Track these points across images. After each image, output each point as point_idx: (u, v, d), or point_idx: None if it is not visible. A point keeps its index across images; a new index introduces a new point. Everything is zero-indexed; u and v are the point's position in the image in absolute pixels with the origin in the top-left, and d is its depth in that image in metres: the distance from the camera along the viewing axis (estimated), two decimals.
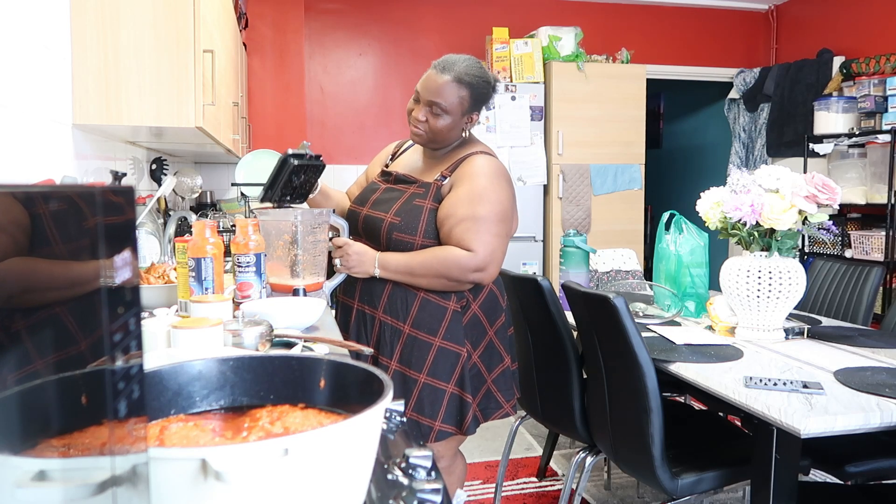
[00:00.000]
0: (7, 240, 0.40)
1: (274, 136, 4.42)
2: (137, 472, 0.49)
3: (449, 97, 1.78)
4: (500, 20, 4.67)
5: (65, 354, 0.45)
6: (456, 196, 1.78)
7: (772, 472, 1.57)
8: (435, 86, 1.78)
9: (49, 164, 1.77)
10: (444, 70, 1.78)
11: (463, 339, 1.82)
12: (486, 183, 1.78)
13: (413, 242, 1.79)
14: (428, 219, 1.79)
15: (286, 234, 1.82)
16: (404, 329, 1.81)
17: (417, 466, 0.80)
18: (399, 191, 1.87)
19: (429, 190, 1.83)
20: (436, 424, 1.78)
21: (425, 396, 1.79)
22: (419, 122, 1.82)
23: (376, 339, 1.84)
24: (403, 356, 1.81)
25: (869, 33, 4.42)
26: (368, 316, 1.87)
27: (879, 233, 3.93)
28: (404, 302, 1.82)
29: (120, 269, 0.46)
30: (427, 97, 1.79)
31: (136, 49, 1.86)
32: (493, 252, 1.76)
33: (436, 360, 1.79)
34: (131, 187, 0.49)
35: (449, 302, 1.82)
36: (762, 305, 2.03)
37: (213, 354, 0.94)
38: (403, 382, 1.80)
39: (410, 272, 1.78)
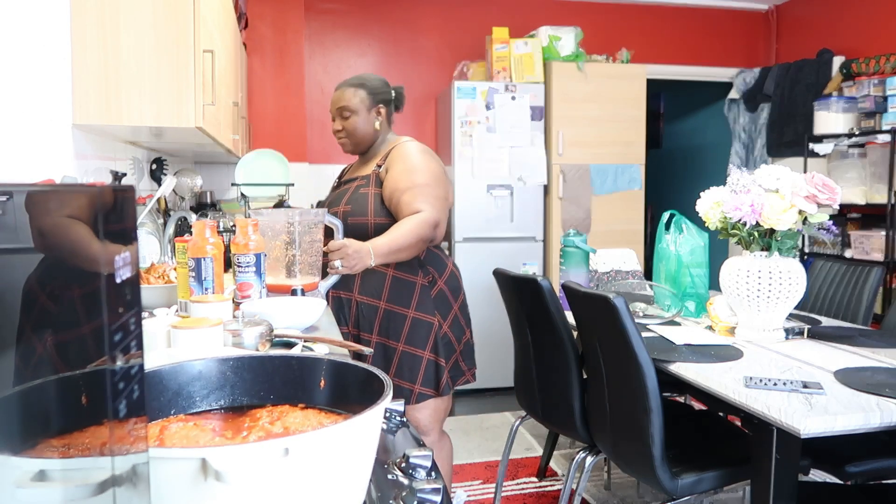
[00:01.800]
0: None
1: (274, 136, 4.42)
2: (137, 472, 0.49)
3: (349, 99, 2.15)
4: (500, 20, 4.67)
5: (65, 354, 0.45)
6: (394, 174, 2.08)
7: (772, 472, 1.57)
8: (336, 97, 2.18)
9: (49, 164, 1.77)
10: (340, 86, 2.19)
11: (433, 311, 2.08)
12: (416, 158, 2.11)
13: (366, 223, 2.08)
14: (374, 201, 2.08)
15: (283, 235, 1.88)
16: (380, 305, 2.06)
17: (417, 466, 0.80)
18: (346, 188, 2.18)
19: (369, 179, 2.13)
20: (415, 388, 2.04)
21: (405, 363, 2.05)
22: (339, 133, 2.17)
23: (355, 318, 2.08)
24: (381, 329, 2.06)
25: (869, 33, 4.42)
26: (345, 299, 2.09)
27: (879, 233, 3.93)
28: (377, 282, 2.07)
29: (120, 269, 0.46)
30: (334, 108, 2.17)
31: (136, 49, 1.86)
32: (440, 210, 2.05)
33: (411, 329, 2.05)
34: (131, 187, 0.49)
35: (417, 277, 2.09)
36: (762, 305, 2.03)
37: (213, 354, 0.94)
38: (384, 352, 2.06)
39: (398, 248, 1.97)
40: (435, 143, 4.77)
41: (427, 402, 2.09)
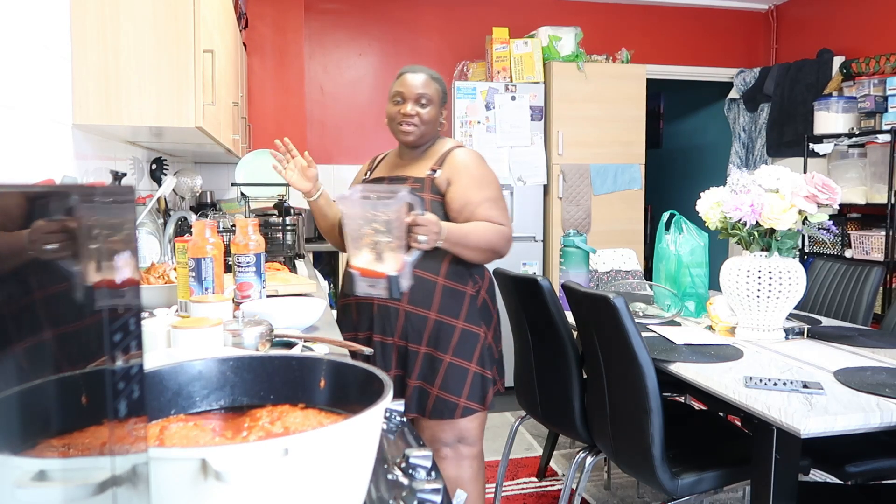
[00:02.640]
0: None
1: (274, 136, 4.39)
2: (137, 472, 0.49)
3: (431, 89, 2.00)
4: (500, 20, 4.67)
5: (65, 354, 0.45)
6: (462, 186, 1.96)
7: (772, 472, 1.57)
8: (418, 81, 2.00)
9: (49, 164, 1.77)
10: (416, 70, 2.02)
11: (480, 321, 2.00)
12: (483, 169, 2.02)
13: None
14: (431, 207, 1.94)
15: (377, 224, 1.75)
16: (430, 316, 1.95)
17: (417, 466, 0.80)
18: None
19: (424, 183, 1.98)
20: (461, 401, 1.95)
21: (451, 375, 1.95)
22: (410, 117, 1.98)
23: (402, 328, 1.96)
24: (430, 340, 1.95)
25: (869, 33, 4.42)
26: (392, 309, 1.97)
27: (879, 233, 3.93)
28: (427, 291, 1.95)
29: (120, 269, 0.46)
30: (414, 92, 1.99)
31: (136, 49, 1.86)
32: (510, 224, 2.01)
33: (460, 341, 1.96)
34: (131, 187, 0.49)
35: (467, 287, 1.99)
36: (762, 305, 2.03)
37: (213, 354, 0.94)
38: (431, 364, 1.96)
39: (467, 244, 1.90)
40: None
41: (476, 413, 2.01)
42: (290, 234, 3.15)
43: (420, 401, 1.98)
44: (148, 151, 3.08)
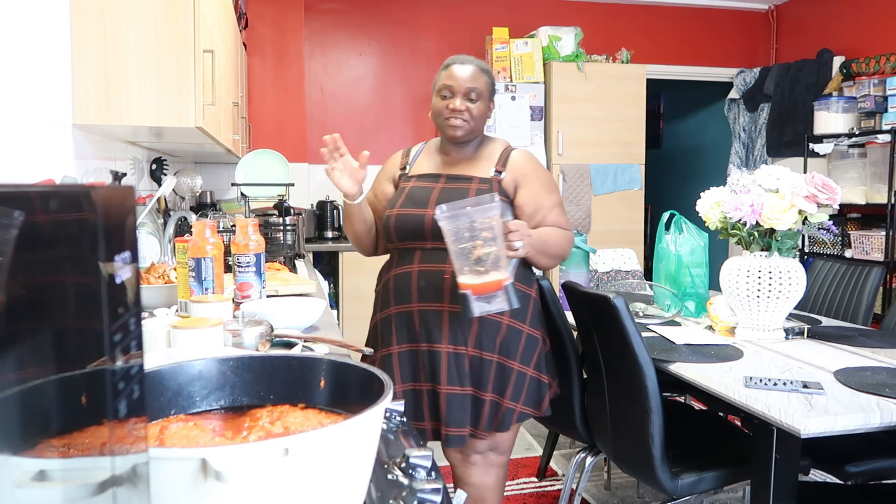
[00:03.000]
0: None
1: (274, 136, 4.42)
2: (137, 472, 0.49)
3: (480, 82, 1.89)
4: (500, 20, 4.67)
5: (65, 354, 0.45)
6: (534, 190, 1.89)
7: (772, 472, 1.57)
8: (468, 74, 1.88)
9: (49, 164, 1.77)
10: (465, 62, 1.91)
11: (539, 325, 1.94)
12: (548, 173, 1.98)
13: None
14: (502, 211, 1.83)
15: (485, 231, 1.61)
16: (503, 321, 1.84)
17: (417, 466, 0.80)
18: (461, 188, 1.87)
19: (493, 185, 1.87)
20: (517, 406, 1.86)
21: (517, 384, 1.86)
22: (460, 112, 1.86)
23: (476, 335, 1.83)
24: (502, 347, 1.85)
25: (869, 33, 4.42)
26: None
27: (879, 233, 3.93)
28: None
29: (120, 269, 0.46)
30: (465, 85, 1.86)
31: (136, 49, 1.86)
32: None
33: (525, 346, 1.88)
34: (131, 187, 0.49)
35: (532, 290, 1.93)
36: (762, 305, 2.03)
37: (213, 354, 0.94)
38: (501, 372, 1.85)
39: (545, 252, 1.83)
40: None
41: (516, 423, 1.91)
42: (290, 234, 3.15)
43: (493, 416, 1.85)
44: (148, 151, 3.08)
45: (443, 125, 1.89)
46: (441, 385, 1.82)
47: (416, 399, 1.87)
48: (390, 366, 1.86)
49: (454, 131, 1.87)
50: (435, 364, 1.83)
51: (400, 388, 1.86)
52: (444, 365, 1.81)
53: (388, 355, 1.88)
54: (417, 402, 1.86)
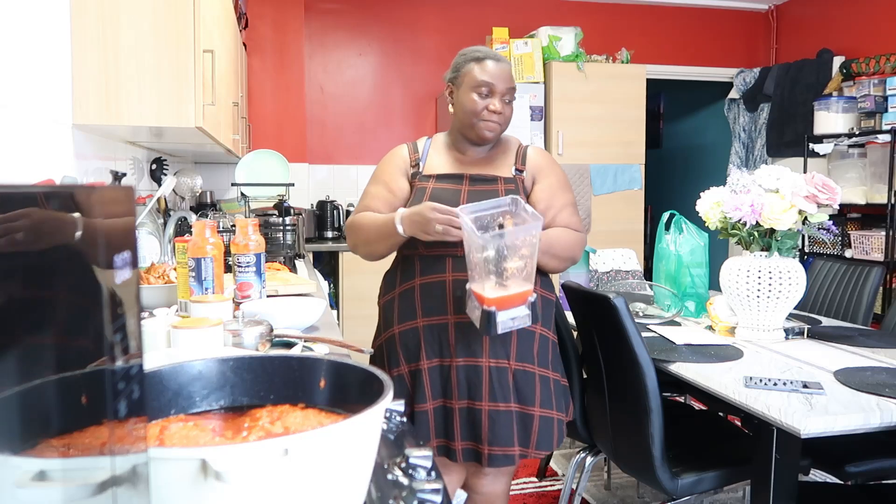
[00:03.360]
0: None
1: (274, 136, 4.42)
2: (137, 472, 0.49)
3: (513, 82, 1.81)
4: (500, 20, 4.67)
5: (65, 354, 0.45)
6: (548, 186, 1.83)
7: (772, 472, 1.57)
8: (506, 73, 1.79)
9: (49, 164, 1.77)
10: (499, 59, 1.79)
11: (555, 330, 1.89)
12: (562, 172, 1.91)
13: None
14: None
15: (525, 248, 1.53)
16: (537, 330, 1.77)
17: (417, 466, 0.80)
18: (488, 190, 1.77)
19: (518, 185, 1.80)
20: (564, 417, 1.81)
21: (556, 394, 1.79)
22: (497, 114, 1.76)
23: (516, 346, 1.73)
24: (541, 357, 1.77)
25: (869, 33, 4.42)
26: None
27: (879, 233, 3.93)
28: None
29: (120, 269, 0.46)
30: (505, 85, 1.77)
31: (136, 49, 1.86)
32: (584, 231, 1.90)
33: (553, 353, 1.83)
34: (131, 187, 0.49)
35: (553, 294, 1.88)
36: (762, 305, 2.03)
37: (213, 354, 0.94)
38: (545, 386, 1.76)
39: (553, 252, 1.75)
40: None
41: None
42: (290, 234, 3.15)
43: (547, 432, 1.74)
44: (148, 151, 3.08)
45: (475, 125, 1.76)
46: (482, 401, 1.70)
47: (446, 417, 1.74)
48: (419, 382, 1.73)
49: (489, 133, 1.78)
50: (473, 379, 1.71)
51: (430, 405, 1.73)
52: (486, 380, 1.70)
53: (417, 371, 1.74)
54: (448, 420, 1.73)
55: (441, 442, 1.75)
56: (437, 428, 1.75)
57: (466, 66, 1.79)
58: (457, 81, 1.82)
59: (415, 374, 1.75)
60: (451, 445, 1.73)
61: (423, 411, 1.74)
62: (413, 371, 1.75)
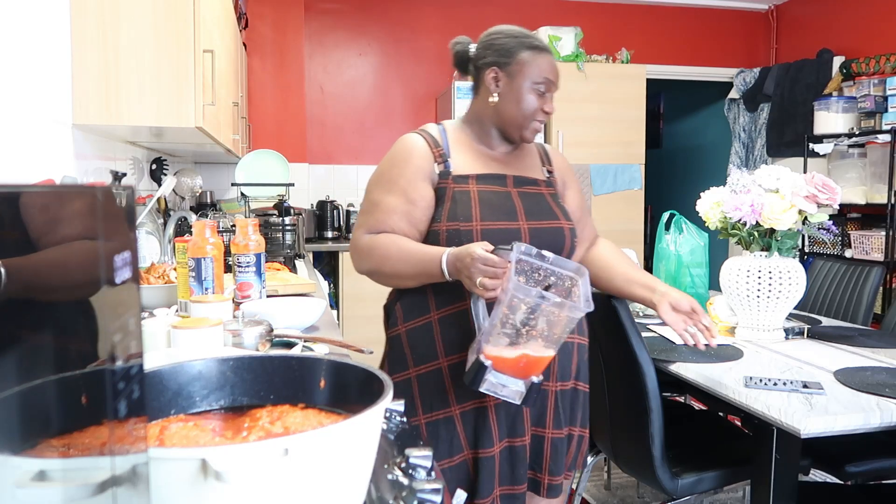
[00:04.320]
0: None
1: (274, 136, 4.42)
2: (137, 472, 0.49)
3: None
4: (500, 20, 4.63)
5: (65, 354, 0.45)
6: (576, 193, 1.71)
7: (772, 472, 1.57)
8: (557, 70, 1.58)
9: (49, 164, 1.77)
10: (548, 49, 1.57)
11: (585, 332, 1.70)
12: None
13: (578, 247, 1.61)
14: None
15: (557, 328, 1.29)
16: (575, 340, 1.60)
17: (417, 466, 0.80)
18: (535, 193, 1.57)
19: (555, 188, 1.63)
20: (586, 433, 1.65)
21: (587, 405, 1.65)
22: (547, 116, 1.56)
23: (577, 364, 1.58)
24: (581, 372, 1.62)
25: (869, 33, 4.42)
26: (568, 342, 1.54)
27: (879, 233, 3.93)
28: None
29: (120, 269, 0.46)
30: (557, 83, 1.56)
31: (136, 49, 1.86)
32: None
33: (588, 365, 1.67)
34: (131, 187, 0.49)
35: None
36: (762, 305, 2.03)
37: (213, 354, 0.94)
38: (588, 402, 1.63)
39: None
40: None
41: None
42: (290, 234, 3.15)
43: (579, 451, 1.61)
44: (148, 151, 3.08)
45: (525, 126, 1.53)
46: (545, 428, 1.52)
47: (512, 457, 1.49)
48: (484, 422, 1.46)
49: (533, 135, 1.57)
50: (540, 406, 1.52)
51: (497, 448, 1.47)
52: (552, 406, 1.52)
53: (483, 408, 1.46)
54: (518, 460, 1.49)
55: (505, 490, 1.49)
56: (502, 473, 1.48)
57: (522, 53, 1.52)
58: (509, 69, 1.52)
59: (475, 415, 1.46)
60: (515, 490, 1.49)
61: (489, 457, 1.46)
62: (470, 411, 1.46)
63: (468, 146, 1.58)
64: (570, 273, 1.29)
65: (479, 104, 1.58)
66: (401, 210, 1.49)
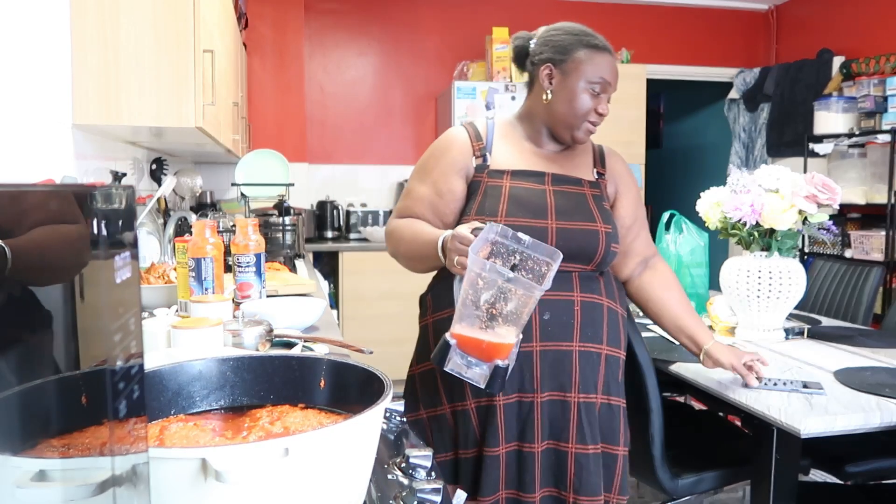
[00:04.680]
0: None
1: (274, 136, 4.42)
2: (137, 472, 0.49)
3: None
4: (500, 20, 4.67)
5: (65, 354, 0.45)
6: (632, 201, 1.64)
7: (772, 472, 1.57)
8: (617, 71, 1.54)
9: (49, 164, 1.77)
10: (610, 48, 1.54)
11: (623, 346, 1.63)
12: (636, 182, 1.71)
13: (617, 252, 1.55)
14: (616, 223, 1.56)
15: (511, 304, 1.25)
16: (620, 356, 1.57)
17: (417, 466, 0.80)
18: (575, 192, 1.52)
19: (602, 190, 1.58)
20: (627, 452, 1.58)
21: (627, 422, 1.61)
22: (602, 117, 1.54)
23: (604, 379, 1.51)
24: (620, 387, 1.58)
25: (869, 33, 4.42)
26: (594, 354, 1.49)
27: (879, 233, 3.93)
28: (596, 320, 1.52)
29: (120, 269, 0.46)
30: (615, 84, 1.53)
31: (136, 49, 1.86)
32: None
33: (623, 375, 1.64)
34: (131, 187, 0.49)
35: (623, 308, 1.64)
36: (762, 305, 2.03)
37: (213, 354, 0.94)
38: (625, 418, 1.56)
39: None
40: None
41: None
42: (290, 234, 3.15)
43: (625, 473, 1.53)
44: (148, 151, 3.08)
45: (577, 126, 1.51)
46: (568, 443, 1.45)
47: (521, 462, 1.46)
48: (492, 421, 1.44)
49: (586, 136, 1.53)
50: (559, 418, 1.46)
51: (503, 449, 1.45)
52: (574, 418, 1.45)
53: (490, 407, 1.44)
54: (524, 466, 1.45)
55: (511, 494, 1.46)
56: (507, 476, 1.46)
57: (578, 51, 1.50)
58: (563, 67, 1.50)
59: (485, 411, 1.45)
60: (522, 498, 1.45)
61: (494, 455, 1.44)
62: (483, 407, 1.45)
63: (515, 142, 1.56)
64: (545, 258, 1.26)
65: (532, 101, 1.57)
66: (428, 200, 1.52)
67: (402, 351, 1.92)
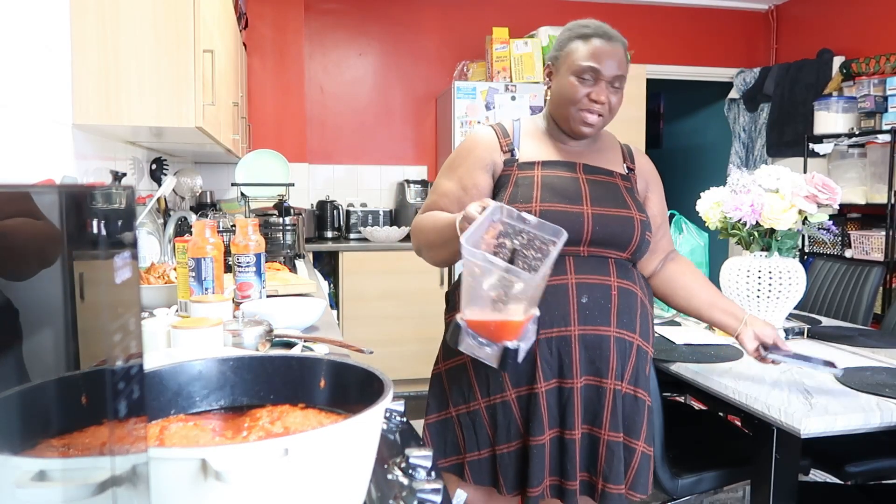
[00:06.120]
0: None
1: (274, 136, 4.42)
2: (137, 472, 0.49)
3: (626, 67, 1.53)
4: (500, 20, 4.67)
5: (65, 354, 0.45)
6: (660, 200, 1.68)
7: (772, 472, 1.57)
8: (618, 57, 1.49)
9: (49, 164, 1.77)
10: (612, 38, 1.52)
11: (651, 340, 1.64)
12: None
13: (650, 242, 1.55)
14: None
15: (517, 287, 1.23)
16: (635, 340, 1.53)
17: (417, 466, 0.80)
18: (608, 182, 1.54)
19: (633, 184, 1.59)
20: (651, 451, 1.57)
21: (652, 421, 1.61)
22: (600, 105, 1.49)
23: (633, 368, 1.51)
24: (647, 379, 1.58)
25: (869, 33, 4.42)
26: (628, 342, 1.49)
27: (879, 233, 3.93)
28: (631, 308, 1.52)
29: (120, 269, 0.46)
30: (612, 72, 1.48)
31: (136, 49, 1.86)
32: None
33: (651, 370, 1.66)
34: (131, 187, 0.49)
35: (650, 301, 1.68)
36: (762, 305, 2.03)
37: (213, 354, 0.94)
38: (650, 414, 1.56)
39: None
40: (435, 143, 4.77)
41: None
42: (290, 234, 3.15)
43: (642, 471, 1.51)
44: (148, 151, 3.08)
45: (571, 116, 1.50)
46: (601, 429, 1.45)
47: (562, 449, 1.45)
48: (535, 409, 1.43)
49: (586, 128, 1.51)
50: (595, 404, 1.46)
51: (547, 436, 1.44)
52: (609, 405, 1.45)
53: (533, 394, 1.43)
54: (568, 453, 1.44)
55: (554, 481, 1.46)
56: (552, 464, 1.45)
57: (570, 44, 1.52)
58: (557, 63, 1.53)
59: (527, 400, 1.44)
60: (565, 485, 1.44)
61: (539, 444, 1.43)
62: (524, 396, 1.44)
63: (541, 139, 1.58)
64: (550, 237, 1.26)
65: (548, 101, 1.61)
66: (453, 195, 1.54)
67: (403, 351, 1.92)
